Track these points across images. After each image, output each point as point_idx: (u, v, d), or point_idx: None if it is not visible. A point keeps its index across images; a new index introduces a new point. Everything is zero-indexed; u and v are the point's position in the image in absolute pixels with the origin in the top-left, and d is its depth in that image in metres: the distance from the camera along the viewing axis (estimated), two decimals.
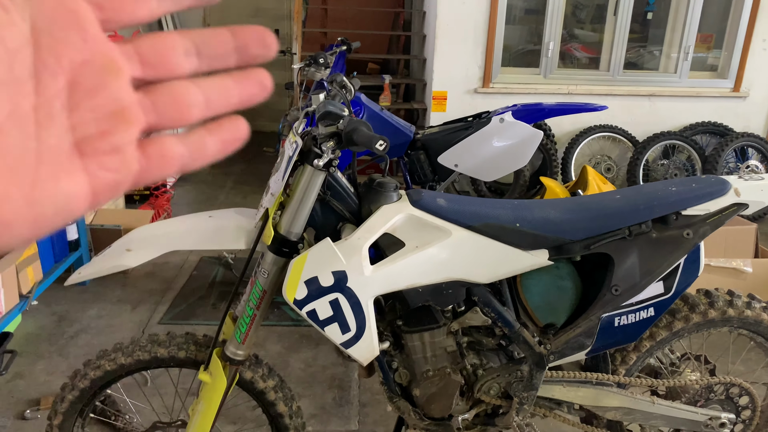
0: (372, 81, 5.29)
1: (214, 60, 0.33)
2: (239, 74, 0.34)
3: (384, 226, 1.40)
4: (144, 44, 0.31)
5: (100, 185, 0.29)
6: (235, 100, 0.33)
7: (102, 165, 0.29)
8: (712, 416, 1.66)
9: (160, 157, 0.31)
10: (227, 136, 0.34)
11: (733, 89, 5.15)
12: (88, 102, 0.28)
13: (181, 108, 0.31)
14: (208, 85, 0.32)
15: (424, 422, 1.60)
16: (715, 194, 1.48)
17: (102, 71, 0.28)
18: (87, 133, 0.28)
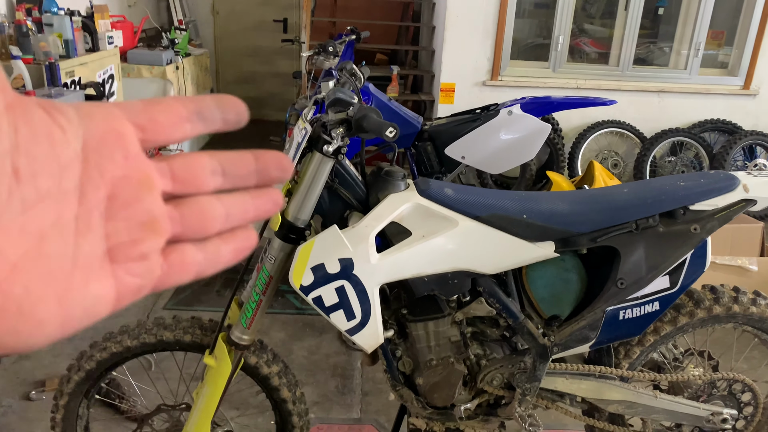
0: (380, 72, 5.28)
1: (236, 180, 0.36)
2: (255, 192, 0.37)
3: (391, 214, 1.40)
4: (177, 163, 0.34)
5: (125, 289, 0.31)
6: (251, 215, 0.37)
7: (129, 271, 0.31)
8: (714, 412, 1.66)
9: (180, 264, 0.34)
10: (239, 245, 0.37)
11: (743, 87, 5.12)
12: (123, 213, 0.31)
13: (205, 220, 0.34)
14: (229, 201, 0.36)
15: (426, 411, 1.61)
16: (723, 190, 1.48)
17: (138, 186, 0.31)
18: (119, 241, 0.31)
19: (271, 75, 7.26)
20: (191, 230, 0.34)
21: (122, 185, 0.31)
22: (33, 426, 2.24)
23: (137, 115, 0.32)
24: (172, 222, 0.33)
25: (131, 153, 0.31)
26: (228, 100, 0.36)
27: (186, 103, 0.34)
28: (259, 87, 7.32)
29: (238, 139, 7.04)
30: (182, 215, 0.34)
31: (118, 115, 0.31)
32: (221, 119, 0.36)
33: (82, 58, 3.64)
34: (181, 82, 5.08)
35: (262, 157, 0.37)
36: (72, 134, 0.29)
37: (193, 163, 0.34)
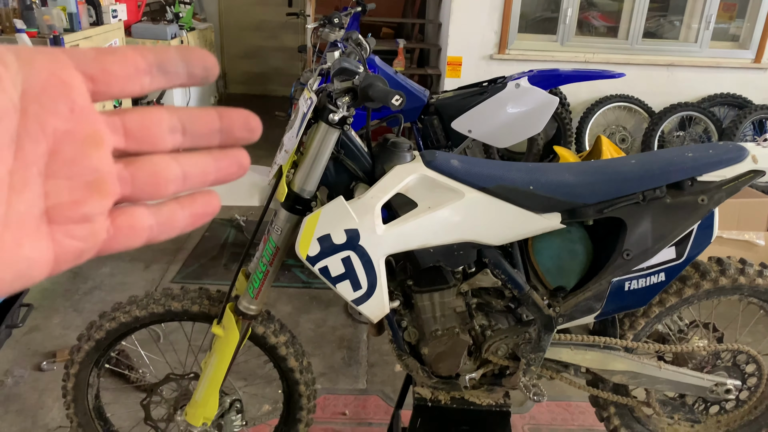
0: (386, 45, 5.23)
1: (198, 138, 0.33)
2: (219, 153, 0.34)
3: (397, 185, 1.40)
4: (131, 117, 0.31)
5: (63, 253, 0.29)
6: (211, 178, 0.34)
7: (69, 233, 0.29)
8: (717, 382, 1.67)
9: (128, 228, 0.32)
10: (198, 210, 0.35)
11: (755, 60, 5.04)
12: (65, 170, 0.28)
13: (158, 182, 0.32)
14: (188, 161, 0.33)
15: (431, 380, 1.63)
16: (732, 161, 1.47)
17: (84, 141, 0.29)
18: (59, 200, 0.28)
19: (276, 49, 7.21)
20: (143, 192, 0.32)
21: (66, 140, 0.28)
22: (44, 395, 2.28)
23: (88, 64, 0.29)
24: (121, 182, 0.31)
25: (78, 105, 0.29)
26: (194, 52, 0.33)
27: (145, 53, 0.31)
28: (264, 62, 7.27)
29: None
30: (133, 175, 0.31)
31: (65, 63, 0.29)
32: (186, 73, 0.33)
33: (86, 32, 3.62)
34: None
35: (228, 114, 0.34)
36: (9, 81, 0.27)
37: (150, 118, 0.32)
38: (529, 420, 2.27)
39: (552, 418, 2.29)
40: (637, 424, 1.81)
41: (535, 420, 2.27)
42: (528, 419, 2.28)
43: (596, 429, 2.17)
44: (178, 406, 1.72)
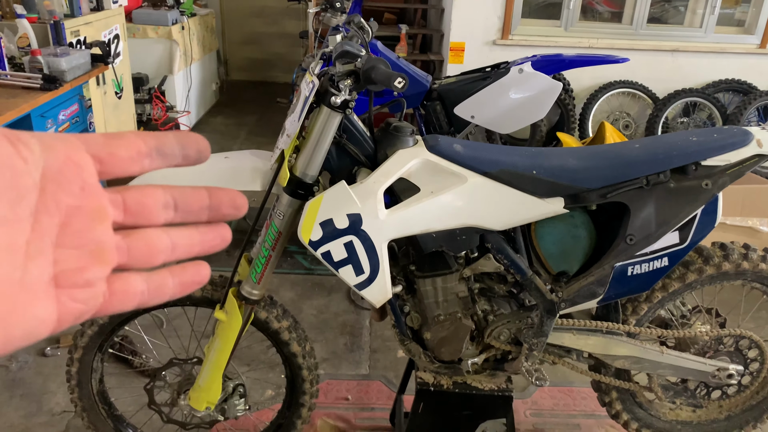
0: (388, 31, 5.19)
1: (188, 214, 0.38)
2: (205, 228, 0.39)
3: (399, 170, 1.40)
4: (131, 195, 0.36)
5: (66, 313, 0.33)
6: (197, 249, 0.39)
7: (73, 296, 0.32)
8: (720, 367, 1.67)
9: (123, 292, 0.35)
10: (187, 279, 0.38)
11: (760, 45, 5.00)
12: (74, 240, 0.32)
13: (151, 253, 0.36)
14: (177, 234, 0.37)
15: (434, 365, 1.63)
16: (736, 145, 1.46)
17: (91, 216, 0.33)
18: (67, 267, 0.32)
19: (277, 36, 7.17)
20: (137, 261, 0.36)
21: (76, 214, 0.32)
22: (48, 380, 2.29)
23: (97, 148, 0.34)
24: (119, 252, 0.35)
25: (88, 184, 0.33)
26: (190, 137, 0.38)
27: (147, 138, 0.36)
28: (265, 48, 7.24)
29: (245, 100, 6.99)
30: (129, 246, 0.35)
31: (78, 147, 0.33)
32: (182, 155, 0.37)
33: (86, 17, 3.60)
34: (186, 43, 5.03)
35: (216, 194, 0.38)
36: (33, 165, 0.31)
37: (147, 196, 0.36)
38: (531, 405, 2.28)
39: (554, 404, 2.29)
40: (639, 409, 1.81)
41: (537, 405, 2.28)
42: (530, 404, 2.28)
43: (598, 414, 2.18)
44: (182, 391, 1.73)
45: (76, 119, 3.09)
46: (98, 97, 3.67)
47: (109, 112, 3.89)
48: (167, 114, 4.62)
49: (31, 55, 2.79)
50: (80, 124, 3.15)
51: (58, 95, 2.79)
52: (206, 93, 5.90)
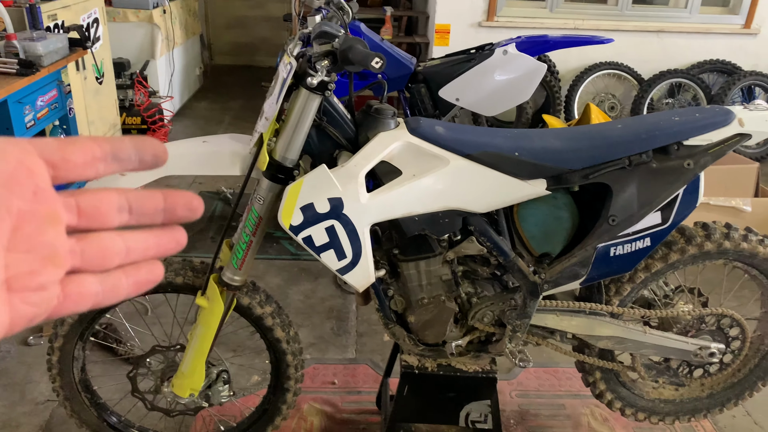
0: (373, 13, 5.14)
1: (143, 217, 0.38)
2: (159, 230, 0.39)
3: (381, 153, 1.38)
4: (85, 198, 0.36)
5: (18, 317, 0.33)
6: (152, 252, 0.39)
7: (25, 299, 0.33)
8: (702, 346, 1.69)
9: (77, 294, 0.35)
10: (142, 278, 0.39)
11: (744, 26, 5.00)
12: (26, 245, 0.32)
13: (104, 256, 0.36)
14: (132, 238, 0.38)
15: (418, 348, 1.63)
16: (718, 124, 1.46)
17: (44, 220, 0.33)
18: (19, 271, 0.32)
19: (262, 19, 7.08)
20: (91, 264, 0.36)
21: (28, 219, 0.32)
22: (32, 369, 2.27)
23: (50, 153, 0.34)
24: (72, 255, 0.35)
25: (40, 188, 0.33)
26: (146, 142, 0.38)
27: (102, 143, 0.36)
28: (249, 32, 7.14)
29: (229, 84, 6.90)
30: (83, 250, 0.35)
31: (30, 152, 0.33)
32: (137, 160, 0.37)
33: (64, 1, 3.52)
34: (168, 27, 4.94)
35: (172, 196, 0.39)
36: None
37: (101, 200, 0.36)
38: (516, 386, 2.29)
39: (539, 384, 2.31)
40: (622, 389, 1.83)
41: (522, 386, 2.30)
42: (516, 385, 2.30)
43: (583, 394, 2.20)
44: (165, 378, 1.72)
45: (55, 105, 3.04)
46: (78, 82, 3.61)
47: (90, 97, 3.82)
48: (150, 99, 4.56)
49: (6, 39, 2.73)
50: (59, 110, 3.10)
51: (36, 80, 2.73)
52: (190, 78, 5.83)
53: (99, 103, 3.97)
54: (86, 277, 0.36)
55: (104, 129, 4.10)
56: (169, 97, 4.91)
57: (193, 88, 5.97)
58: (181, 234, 0.40)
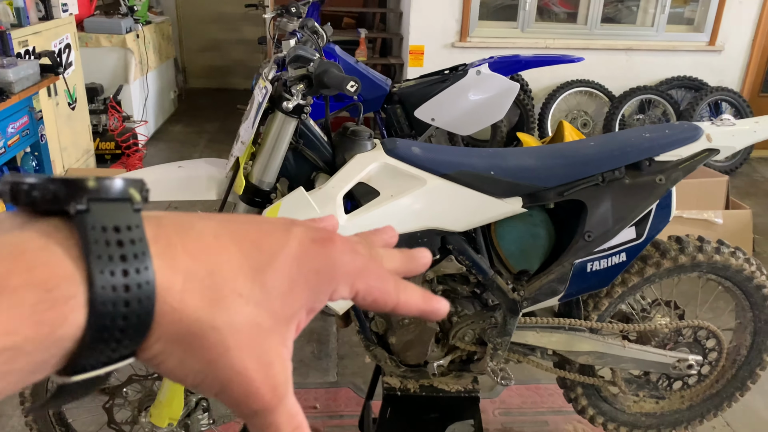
0: (347, 36, 5.19)
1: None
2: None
3: (358, 175, 1.39)
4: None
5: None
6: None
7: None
8: (680, 358, 1.70)
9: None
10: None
11: (709, 43, 5.15)
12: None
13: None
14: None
15: (400, 369, 1.62)
16: (687, 140, 1.49)
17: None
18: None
19: (236, 42, 7.10)
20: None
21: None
22: (3, 403, 2.20)
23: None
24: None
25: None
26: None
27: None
28: (224, 55, 7.15)
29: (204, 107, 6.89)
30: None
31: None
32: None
33: (35, 27, 3.49)
34: (142, 51, 4.93)
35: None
36: None
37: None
38: (499, 404, 2.29)
39: (522, 402, 2.31)
40: (603, 403, 1.83)
41: (505, 404, 2.29)
42: (498, 403, 2.29)
43: (565, 410, 2.20)
44: (143, 408, 1.68)
45: (26, 132, 3.00)
46: (50, 108, 3.57)
47: (63, 123, 3.78)
48: (124, 124, 4.52)
49: None
50: (31, 136, 3.05)
51: (6, 107, 2.70)
52: (164, 102, 5.80)
53: (72, 128, 3.93)
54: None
55: (77, 155, 4.05)
56: (143, 121, 4.87)
57: (167, 112, 5.94)
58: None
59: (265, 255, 0.32)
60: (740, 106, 4.98)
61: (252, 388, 0.31)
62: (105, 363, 0.28)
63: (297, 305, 0.33)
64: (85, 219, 0.27)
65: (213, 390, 0.31)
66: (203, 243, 0.31)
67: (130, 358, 0.29)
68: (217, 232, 0.32)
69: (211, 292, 0.30)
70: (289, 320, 0.33)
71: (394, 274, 0.38)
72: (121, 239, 0.27)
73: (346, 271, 0.35)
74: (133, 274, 0.27)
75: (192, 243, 0.30)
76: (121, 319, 0.27)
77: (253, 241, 0.32)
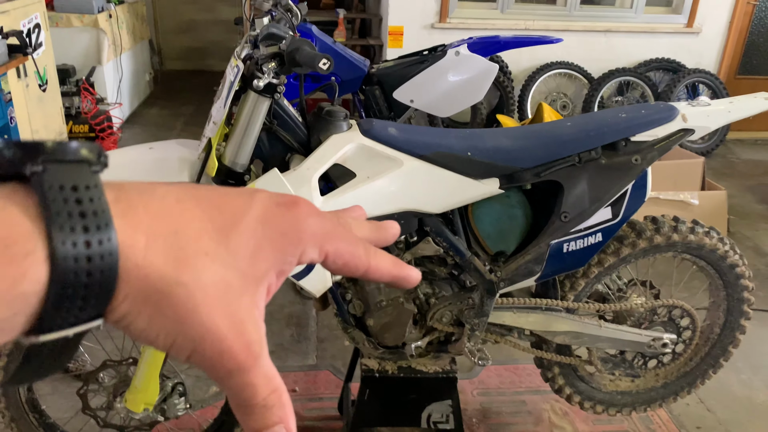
0: (326, 16, 5.12)
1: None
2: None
3: (334, 156, 1.37)
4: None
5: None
6: None
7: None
8: (655, 337, 1.72)
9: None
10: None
11: (687, 25, 5.17)
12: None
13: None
14: None
15: (378, 351, 1.62)
16: (663, 120, 1.49)
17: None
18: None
19: (212, 23, 6.97)
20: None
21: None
22: None
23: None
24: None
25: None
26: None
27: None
28: (200, 36, 7.02)
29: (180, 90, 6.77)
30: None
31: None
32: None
33: (2, 6, 3.38)
34: (115, 32, 4.81)
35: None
36: None
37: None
38: (478, 385, 2.31)
39: (500, 382, 2.33)
40: (580, 382, 1.85)
41: (484, 384, 2.31)
42: (477, 384, 2.31)
43: (543, 390, 2.22)
44: (118, 393, 1.66)
45: None
46: (20, 90, 3.47)
47: (33, 105, 3.69)
48: (98, 107, 4.42)
49: None
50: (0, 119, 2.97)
51: None
52: (139, 84, 5.69)
53: (43, 111, 3.84)
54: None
55: (49, 137, 3.96)
56: (117, 104, 4.77)
57: (142, 95, 5.83)
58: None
59: (229, 217, 0.32)
60: (717, 88, 5.02)
61: (224, 346, 0.31)
62: (72, 323, 0.28)
63: (264, 266, 0.32)
64: (41, 178, 0.27)
65: (186, 351, 0.31)
66: (165, 205, 0.31)
67: (98, 319, 0.29)
68: (180, 196, 0.32)
69: (176, 250, 0.30)
70: (259, 281, 0.32)
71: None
72: (80, 197, 0.27)
73: (313, 232, 0.34)
74: (94, 230, 0.27)
75: (154, 204, 0.30)
76: (84, 275, 0.27)
77: (217, 205, 0.32)
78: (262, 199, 0.34)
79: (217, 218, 0.32)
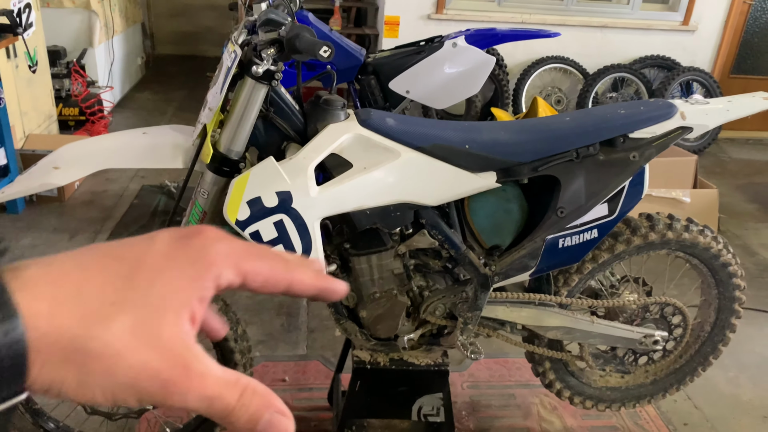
0: (322, 4, 5.08)
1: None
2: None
3: (331, 145, 1.35)
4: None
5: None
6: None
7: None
8: (646, 334, 1.73)
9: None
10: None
11: (683, 22, 5.18)
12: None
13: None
14: None
15: (370, 343, 1.61)
16: (661, 117, 1.48)
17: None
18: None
19: (206, 7, 6.89)
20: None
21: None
22: None
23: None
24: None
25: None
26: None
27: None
28: (193, 20, 6.94)
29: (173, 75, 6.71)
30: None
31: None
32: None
33: None
34: (107, 14, 4.75)
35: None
36: None
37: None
38: (468, 378, 2.31)
39: (490, 375, 2.33)
40: (571, 378, 1.86)
41: (474, 377, 2.31)
42: (467, 377, 2.31)
43: (533, 384, 2.23)
44: None
45: None
46: (9, 70, 3.42)
47: (23, 87, 3.63)
48: (88, 90, 4.37)
49: None
50: None
51: None
52: (131, 67, 5.62)
53: (32, 92, 3.78)
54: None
55: (39, 120, 3.90)
56: (109, 87, 4.71)
57: (134, 79, 5.76)
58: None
59: (131, 263, 0.33)
60: (710, 87, 5.04)
61: (164, 377, 0.31)
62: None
63: (179, 297, 0.33)
64: None
65: (132, 397, 0.31)
66: (65, 270, 0.32)
67: (19, 395, 0.30)
68: (80, 260, 0.33)
69: (81, 309, 0.31)
70: (177, 311, 0.32)
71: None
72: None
73: (225, 254, 0.35)
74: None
75: (54, 274, 0.31)
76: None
77: (117, 256, 0.33)
78: (163, 237, 0.35)
79: (120, 268, 0.33)
